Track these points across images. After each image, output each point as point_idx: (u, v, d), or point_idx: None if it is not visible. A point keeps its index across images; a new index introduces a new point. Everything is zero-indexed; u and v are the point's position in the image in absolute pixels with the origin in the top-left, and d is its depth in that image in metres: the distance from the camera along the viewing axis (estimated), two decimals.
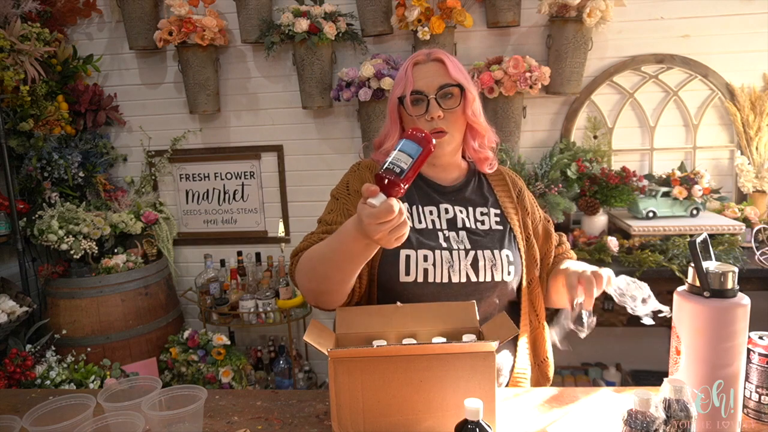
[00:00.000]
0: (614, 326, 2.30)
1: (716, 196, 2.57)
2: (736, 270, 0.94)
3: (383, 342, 1.06)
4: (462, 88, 1.29)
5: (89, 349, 2.49)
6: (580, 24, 2.47)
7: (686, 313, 0.96)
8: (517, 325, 1.30)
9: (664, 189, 2.48)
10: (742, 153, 2.63)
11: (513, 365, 1.32)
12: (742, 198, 2.64)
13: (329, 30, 2.58)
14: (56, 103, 2.76)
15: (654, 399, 0.83)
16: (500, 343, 0.94)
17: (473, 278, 1.25)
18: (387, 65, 2.57)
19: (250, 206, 3.03)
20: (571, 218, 2.68)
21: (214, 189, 3.03)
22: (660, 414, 0.83)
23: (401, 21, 2.54)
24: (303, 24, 2.56)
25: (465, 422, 0.83)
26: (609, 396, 1.13)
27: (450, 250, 1.26)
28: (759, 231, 2.32)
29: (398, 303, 1.14)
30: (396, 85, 1.34)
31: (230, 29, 2.84)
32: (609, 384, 2.68)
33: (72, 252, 2.51)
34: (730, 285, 0.93)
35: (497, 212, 1.36)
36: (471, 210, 1.34)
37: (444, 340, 1.05)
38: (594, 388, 1.16)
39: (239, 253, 2.87)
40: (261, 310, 2.68)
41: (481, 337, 1.06)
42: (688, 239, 2.29)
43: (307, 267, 1.15)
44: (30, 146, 2.68)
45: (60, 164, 2.66)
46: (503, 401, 1.12)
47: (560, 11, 2.48)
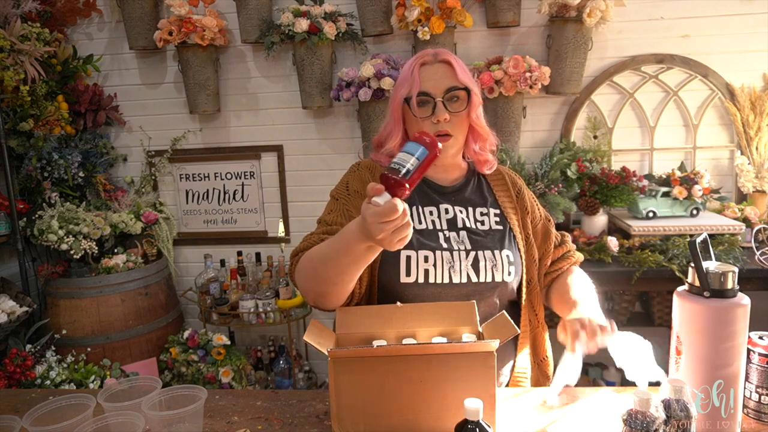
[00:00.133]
0: None
1: (716, 196, 2.57)
2: (736, 270, 0.94)
3: (383, 342, 1.06)
4: (469, 92, 1.29)
5: (89, 349, 2.49)
6: (580, 24, 2.47)
7: (686, 313, 0.96)
8: (517, 325, 1.29)
9: (664, 189, 2.48)
10: (742, 153, 2.63)
11: (513, 365, 1.32)
12: (742, 198, 2.64)
13: (329, 30, 2.58)
14: (56, 103, 2.76)
15: (654, 399, 0.83)
16: (500, 343, 0.94)
17: (474, 279, 1.25)
18: (387, 65, 2.57)
19: (250, 206, 3.03)
20: (571, 218, 2.68)
21: (214, 189, 3.03)
22: (660, 414, 0.83)
23: (401, 21, 2.54)
24: (303, 24, 2.56)
25: (465, 422, 0.83)
26: (609, 396, 1.13)
27: (451, 251, 1.26)
28: (759, 231, 2.32)
29: (398, 303, 1.14)
30: (401, 85, 1.32)
31: (230, 29, 2.84)
32: (609, 384, 2.67)
33: (72, 252, 2.51)
34: (730, 285, 0.93)
35: (497, 212, 1.35)
36: (471, 210, 1.34)
37: (444, 340, 1.05)
38: (594, 388, 1.16)
39: (239, 253, 2.87)
40: (261, 310, 2.68)
41: (481, 337, 1.06)
42: (688, 239, 2.29)
43: (308, 267, 1.14)
44: (30, 146, 2.68)
45: (60, 164, 2.67)
46: (503, 401, 1.12)
47: (560, 11, 2.48)
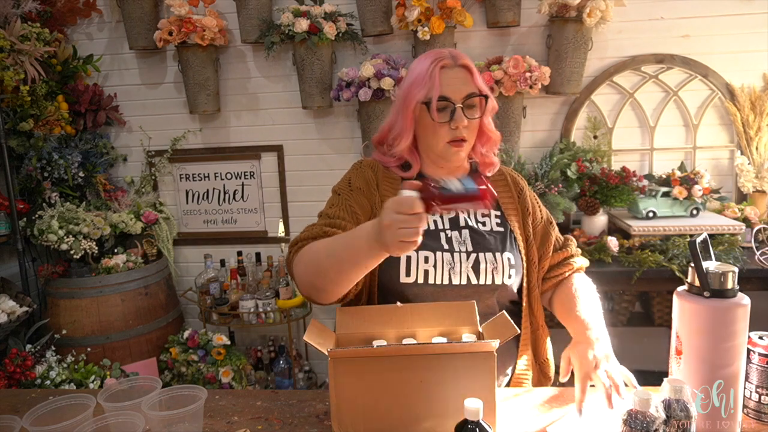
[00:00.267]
0: (614, 326, 2.29)
1: (716, 196, 2.56)
2: (736, 270, 0.94)
3: (383, 342, 1.06)
4: (486, 98, 1.28)
5: (89, 349, 2.49)
6: (580, 24, 2.47)
7: (686, 313, 0.96)
8: (518, 326, 1.29)
9: (664, 189, 2.47)
10: (742, 153, 2.63)
11: (514, 365, 1.32)
12: (742, 198, 2.64)
13: (329, 30, 2.58)
14: (56, 103, 2.76)
15: (654, 399, 0.83)
16: (500, 343, 0.94)
17: (474, 281, 1.25)
18: (387, 65, 2.57)
19: (250, 206, 3.02)
20: (571, 218, 2.67)
21: (214, 189, 3.03)
22: (660, 414, 0.82)
23: (401, 21, 2.54)
24: (303, 24, 2.55)
25: (465, 422, 0.83)
26: None
27: (451, 252, 1.26)
28: (759, 231, 2.32)
29: (398, 303, 1.14)
30: (416, 85, 1.26)
31: (230, 29, 2.84)
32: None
33: (72, 252, 2.51)
34: (730, 285, 0.93)
35: (497, 213, 1.35)
36: (472, 210, 1.34)
37: (444, 340, 1.05)
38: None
39: (239, 253, 2.87)
40: (261, 310, 2.68)
41: (481, 337, 1.06)
42: (688, 239, 2.29)
43: (309, 259, 1.13)
44: (30, 146, 2.68)
45: (60, 164, 2.66)
46: (503, 401, 1.12)
47: (560, 11, 2.48)
